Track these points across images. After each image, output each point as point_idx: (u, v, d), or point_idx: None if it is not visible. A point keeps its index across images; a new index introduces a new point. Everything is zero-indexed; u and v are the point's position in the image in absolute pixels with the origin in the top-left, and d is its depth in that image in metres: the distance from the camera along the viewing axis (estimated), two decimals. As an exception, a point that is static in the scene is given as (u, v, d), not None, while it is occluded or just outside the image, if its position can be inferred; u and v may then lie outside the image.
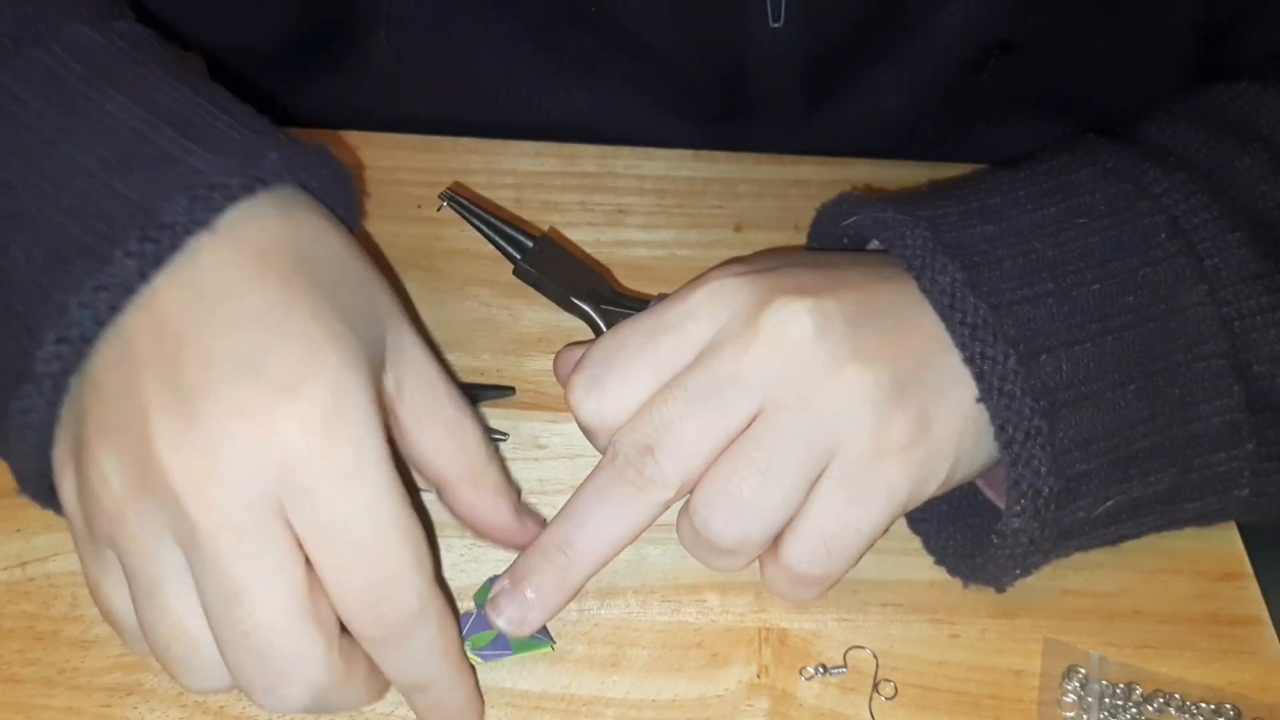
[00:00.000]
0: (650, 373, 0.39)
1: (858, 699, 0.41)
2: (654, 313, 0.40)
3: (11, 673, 0.40)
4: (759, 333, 0.38)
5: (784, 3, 0.54)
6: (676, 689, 0.41)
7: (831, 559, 0.38)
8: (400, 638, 0.35)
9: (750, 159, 0.59)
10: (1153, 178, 0.42)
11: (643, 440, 0.38)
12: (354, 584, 0.34)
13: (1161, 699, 0.41)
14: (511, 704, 0.40)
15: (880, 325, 0.39)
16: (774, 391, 0.38)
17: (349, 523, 0.33)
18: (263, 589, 0.33)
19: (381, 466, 0.34)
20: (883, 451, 0.38)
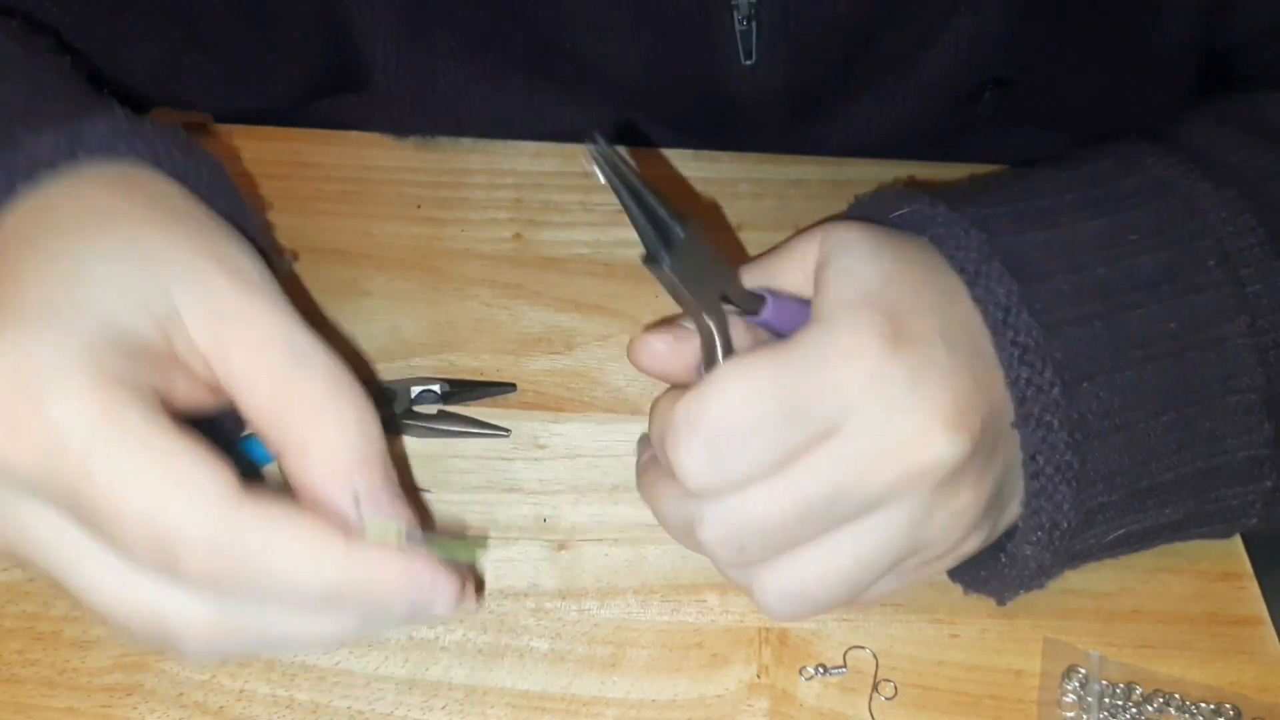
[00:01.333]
0: (781, 456, 0.35)
1: (858, 699, 0.41)
2: (795, 380, 0.35)
3: (12, 673, 0.40)
4: (911, 464, 0.34)
5: (754, 40, 0.54)
6: (676, 689, 0.41)
7: (816, 611, 0.38)
8: (233, 582, 0.32)
9: (750, 159, 0.59)
10: (1202, 191, 0.40)
11: (739, 540, 0.36)
12: (137, 550, 0.32)
13: (1161, 699, 0.41)
14: (511, 704, 0.40)
15: (989, 440, 0.36)
16: (895, 513, 0.35)
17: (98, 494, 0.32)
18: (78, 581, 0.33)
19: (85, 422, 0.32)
20: (950, 556, 0.38)
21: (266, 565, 0.32)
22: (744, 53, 0.55)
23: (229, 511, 0.31)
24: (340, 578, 0.32)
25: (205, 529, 0.31)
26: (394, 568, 0.33)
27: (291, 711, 0.40)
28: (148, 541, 0.31)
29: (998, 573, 0.39)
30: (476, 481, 0.47)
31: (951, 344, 0.36)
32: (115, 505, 0.31)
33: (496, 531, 0.45)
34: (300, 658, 0.41)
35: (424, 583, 0.34)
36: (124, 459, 0.31)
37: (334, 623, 0.34)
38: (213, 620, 0.33)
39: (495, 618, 0.42)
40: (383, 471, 0.35)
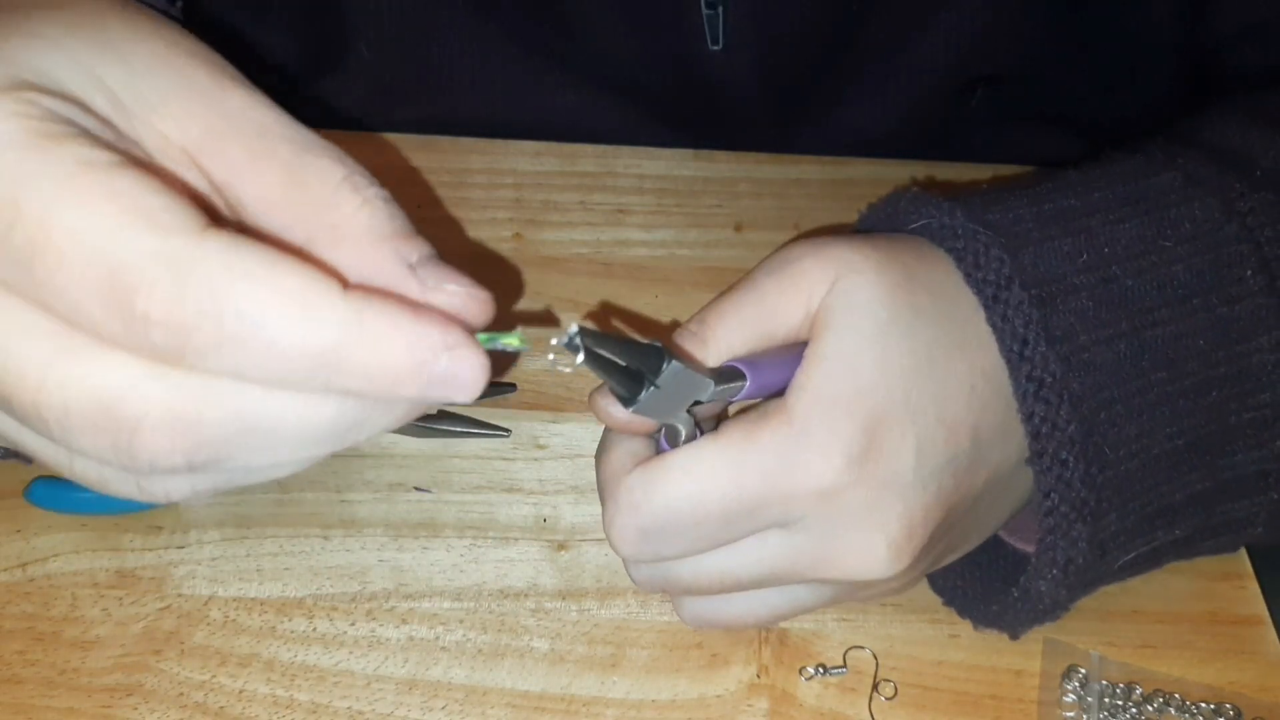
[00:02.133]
0: (714, 547, 0.36)
1: (858, 699, 0.41)
2: (747, 485, 0.34)
3: (12, 673, 0.40)
4: (847, 575, 0.35)
5: (721, 27, 0.54)
6: (676, 689, 0.41)
7: (733, 625, 0.40)
8: (201, 335, 0.24)
9: (750, 158, 0.59)
10: (1238, 191, 0.39)
11: (663, 584, 0.38)
12: (81, 299, 0.25)
13: (1162, 699, 0.41)
14: (511, 704, 0.40)
15: (943, 535, 0.37)
16: (821, 594, 0.38)
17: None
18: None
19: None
20: (875, 599, 0.41)
21: (243, 309, 0.24)
22: (710, 38, 0.55)
23: (193, 243, 0.24)
24: (338, 337, 0.25)
25: (165, 261, 0.24)
26: (404, 324, 0.26)
27: (291, 711, 0.40)
28: (94, 283, 0.24)
29: (1010, 607, 0.39)
30: (477, 482, 0.47)
31: (924, 456, 0.35)
32: (52, 239, 0.24)
33: (496, 532, 0.45)
34: (300, 658, 0.41)
35: (441, 357, 0.26)
36: (62, 183, 0.24)
37: (328, 408, 0.26)
38: (177, 399, 0.25)
39: (495, 618, 0.42)
40: (426, 244, 0.29)
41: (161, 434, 0.25)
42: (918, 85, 0.59)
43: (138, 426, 0.25)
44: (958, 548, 0.39)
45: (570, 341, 0.31)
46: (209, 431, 0.25)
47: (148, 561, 0.44)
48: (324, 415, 0.26)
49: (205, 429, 0.25)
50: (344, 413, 0.26)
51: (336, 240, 0.27)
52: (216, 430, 0.26)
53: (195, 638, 0.41)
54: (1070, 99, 0.60)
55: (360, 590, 0.43)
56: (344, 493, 0.46)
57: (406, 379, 0.26)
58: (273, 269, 0.25)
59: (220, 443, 0.26)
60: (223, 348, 0.24)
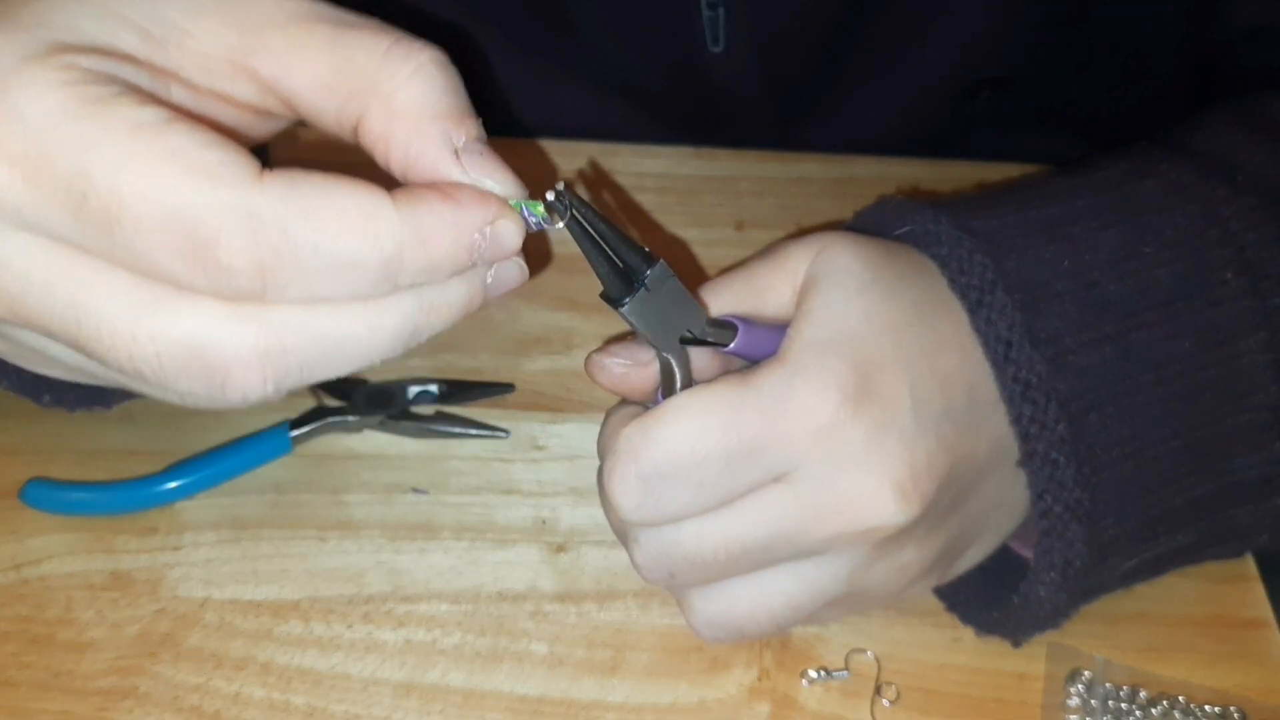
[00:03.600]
0: (716, 500, 0.34)
1: (860, 703, 0.40)
2: (745, 426, 0.33)
3: (6, 676, 0.40)
4: (854, 523, 0.34)
5: (722, 29, 0.54)
6: (676, 693, 0.41)
7: (744, 639, 0.38)
8: (278, 272, 0.27)
9: (751, 156, 0.59)
10: (1221, 198, 0.39)
11: (669, 568, 0.36)
12: (162, 257, 0.27)
13: (1166, 702, 0.40)
14: (510, 708, 0.40)
15: (953, 493, 0.36)
16: (833, 565, 0.35)
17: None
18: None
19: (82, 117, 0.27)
20: (893, 599, 0.38)
21: (315, 241, 0.27)
22: (711, 39, 0.55)
23: (258, 189, 0.26)
24: (396, 246, 0.27)
25: (238, 211, 0.26)
26: (449, 215, 0.28)
27: (288, 715, 0.39)
28: (173, 240, 0.26)
29: (1011, 615, 0.39)
30: (475, 483, 0.46)
31: (920, 401, 0.35)
32: (126, 203, 0.26)
33: (494, 534, 0.45)
34: (296, 661, 0.41)
35: (487, 224, 0.29)
36: (125, 148, 0.26)
37: (393, 316, 0.29)
38: (261, 336, 0.27)
39: (493, 621, 0.42)
40: (476, 125, 0.31)
41: (252, 370, 0.27)
42: (920, 86, 0.58)
43: (229, 367, 0.27)
44: (970, 538, 0.38)
45: (557, 199, 0.31)
46: (293, 359, 0.28)
47: (142, 564, 0.43)
48: (390, 323, 0.29)
49: (289, 357, 0.28)
50: (406, 319, 0.29)
51: (389, 115, 0.29)
52: (299, 356, 0.28)
53: (190, 641, 0.41)
54: (1073, 100, 0.60)
55: (357, 593, 0.43)
56: (340, 494, 0.46)
57: (464, 259, 0.29)
58: (330, 199, 0.27)
59: (303, 367, 0.28)
60: (299, 280, 0.27)
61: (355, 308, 0.28)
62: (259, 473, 0.46)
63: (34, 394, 0.40)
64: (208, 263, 0.26)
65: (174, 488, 0.45)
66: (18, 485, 0.45)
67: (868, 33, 0.57)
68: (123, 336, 0.27)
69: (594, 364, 0.38)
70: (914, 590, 0.38)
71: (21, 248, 0.27)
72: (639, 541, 0.36)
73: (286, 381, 0.28)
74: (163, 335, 0.27)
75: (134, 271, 0.27)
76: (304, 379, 0.28)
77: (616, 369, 0.37)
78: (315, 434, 0.47)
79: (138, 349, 0.27)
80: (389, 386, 0.49)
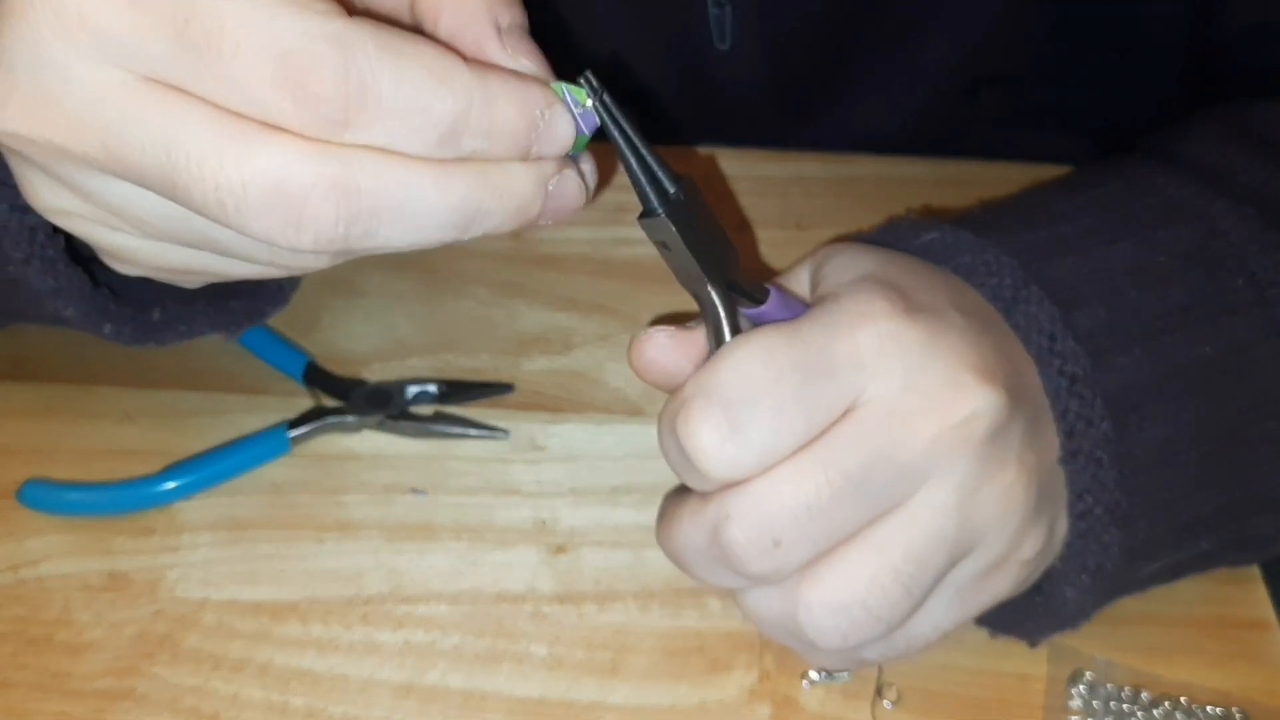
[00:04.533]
0: (804, 426, 0.32)
1: (861, 704, 0.40)
2: (810, 342, 0.33)
3: (3, 677, 0.40)
4: (947, 418, 0.32)
5: (729, 27, 0.54)
6: (677, 695, 0.40)
7: (876, 626, 0.33)
8: (361, 111, 0.28)
9: (752, 156, 0.59)
10: (1219, 211, 0.39)
11: (772, 533, 0.32)
12: (258, 86, 0.28)
13: (1168, 703, 0.40)
14: (510, 710, 0.40)
15: (1027, 413, 0.34)
16: (940, 487, 0.33)
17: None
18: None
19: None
20: (1010, 564, 0.35)
21: (397, 78, 0.28)
22: (717, 36, 0.55)
23: (350, 24, 0.28)
24: (468, 100, 0.29)
25: (331, 40, 0.27)
26: (515, 85, 0.30)
27: (286, 717, 0.39)
28: (268, 65, 0.27)
29: (1031, 614, 0.38)
30: (474, 483, 0.46)
31: (964, 312, 0.34)
32: (226, 27, 0.27)
33: (494, 535, 0.45)
34: (295, 662, 0.40)
35: (544, 107, 0.30)
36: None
37: (457, 179, 0.30)
38: (339, 172, 0.28)
39: (493, 622, 0.42)
40: (522, 14, 0.32)
41: (328, 204, 0.28)
42: (923, 84, 0.58)
43: (307, 198, 0.28)
44: (1060, 490, 0.35)
45: (585, 83, 0.32)
46: (366, 200, 0.28)
47: (140, 564, 0.43)
48: (456, 189, 0.30)
49: (363, 198, 0.28)
50: (471, 190, 0.30)
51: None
52: (372, 200, 0.29)
53: (188, 642, 0.41)
54: (1075, 99, 0.60)
55: (356, 594, 0.43)
56: (339, 495, 0.46)
57: (524, 132, 0.30)
58: (414, 46, 0.28)
59: (372, 214, 0.29)
60: (378, 116, 0.28)
61: (425, 165, 0.29)
62: (257, 473, 0.46)
63: (96, 324, 0.40)
64: (298, 90, 0.27)
65: (172, 488, 0.45)
66: (15, 485, 0.44)
67: (872, 30, 0.56)
68: (210, 166, 0.28)
69: (638, 341, 0.36)
70: (1028, 544, 0.35)
71: (119, 82, 0.28)
72: (732, 515, 0.32)
73: (356, 228, 0.29)
74: (249, 164, 0.28)
75: (225, 107, 0.28)
76: (374, 230, 0.29)
77: (661, 336, 0.35)
78: (314, 434, 0.47)
79: (224, 178, 0.28)
80: (388, 386, 0.49)
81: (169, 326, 0.42)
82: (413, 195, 0.29)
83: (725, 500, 0.33)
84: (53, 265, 0.38)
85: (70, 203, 0.32)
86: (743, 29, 0.55)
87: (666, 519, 0.35)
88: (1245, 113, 0.45)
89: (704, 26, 0.55)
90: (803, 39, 0.56)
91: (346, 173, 0.28)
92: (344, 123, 0.28)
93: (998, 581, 0.35)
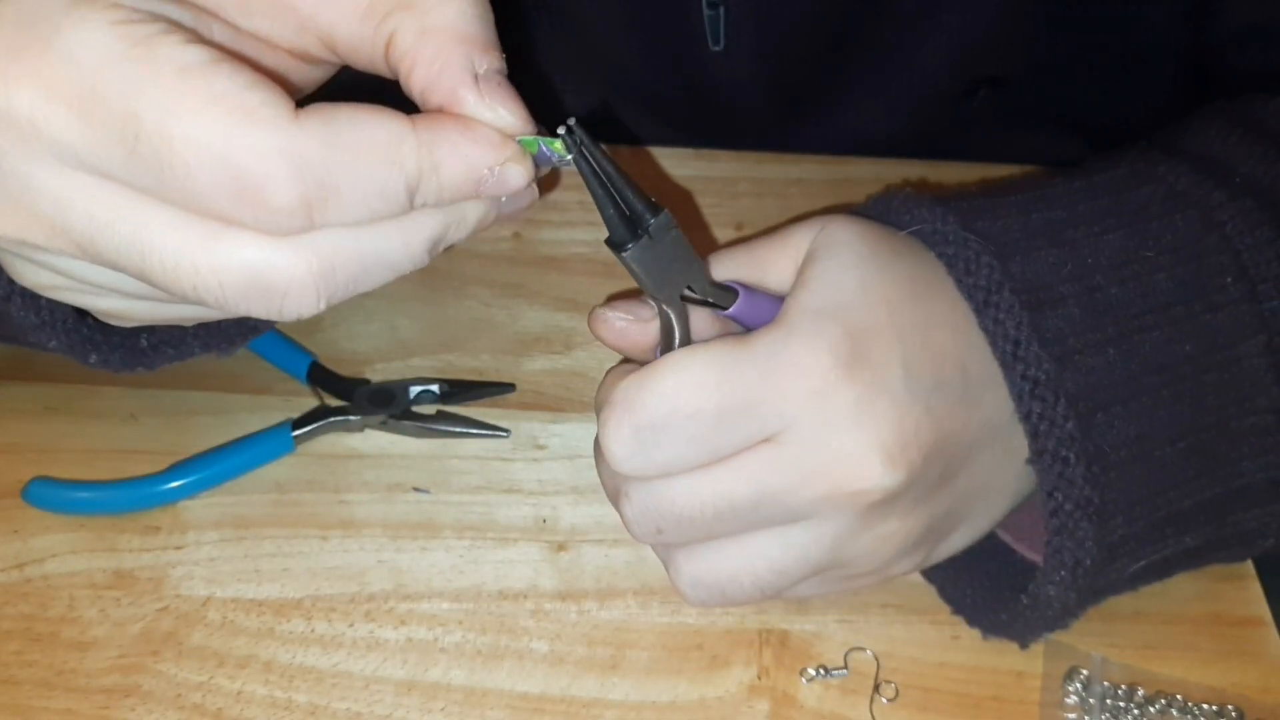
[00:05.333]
0: (708, 456, 0.34)
1: (859, 701, 0.41)
2: (740, 379, 0.34)
3: (9, 674, 0.40)
4: (842, 485, 0.34)
5: (723, 28, 0.54)
6: (676, 691, 0.41)
7: (727, 604, 0.38)
8: (323, 206, 0.29)
9: (750, 157, 0.59)
10: (1217, 203, 0.39)
11: (656, 523, 0.36)
12: (215, 198, 0.28)
13: (1164, 700, 0.41)
14: (511, 706, 0.40)
15: (932, 474, 0.36)
16: (819, 528, 0.35)
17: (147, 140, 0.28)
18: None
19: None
20: (877, 575, 0.38)
21: (351, 173, 0.28)
22: (712, 38, 0.55)
23: (297, 129, 0.28)
24: (416, 173, 0.30)
25: (281, 153, 0.28)
26: (462, 147, 0.30)
27: (290, 713, 0.39)
28: (222, 182, 0.28)
29: (1019, 615, 0.39)
30: (476, 482, 0.47)
31: (912, 373, 0.35)
32: (175, 147, 0.27)
33: (495, 533, 0.45)
34: (298, 659, 0.41)
35: (494, 164, 0.31)
36: (173, 91, 0.27)
37: (423, 231, 0.31)
38: (311, 261, 0.29)
39: (494, 619, 0.42)
40: (500, 58, 0.32)
41: (307, 291, 0.30)
42: (919, 86, 0.59)
43: (286, 290, 0.29)
44: (958, 518, 0.38)
45: (567, 134, 0.32)
46: (342, 275, 0.30)
47: (145, 562, 0.43)
48: (420, 236, 0.31)
49: (339, 274, 0.30)
50: (434, 231, 0.31)
51: (419, 33, 0.31)
52: (347, 272, 0.30)
53: (193, 639, 0.41)
54: (1072, 100, 0.60)
55: (359, 591, 0.43)
56: (342, 493, 0.46)
57: (470, 190, 0.31)
58: (360, 131, 0.29)
59: (350, 282, 0.30)
60: (339, 209, 0.29)
61: (390, 226, 0.30)
62: (261, 472, 0.46)
63: (81, 354, 0.40)
64: (256, 203, 0.28)
65: (176, 487, 0.45)
66: (21, 484, 0.45)
67: (867, 31, 0.57)
68: (185, 270, 0.29)
69: (596, 317, 0.39)
70: (898, 567, 0.38)
71: (82, 187, 0.29)
72: (629, 496, 0.36)
73: (337, 296, 0.30)
74: (223, 266, 0.29)
75: (189, 210, 0.28)
76: (352, 292, 0.31)
77: (618, 323, 0.38)
78: (317, 433, 0.47)
79: (200, 280, 0.29)
80: (390, 386, 0.49)
81: (158, 351, 0.43)
82: (383, 252, 0.31)
83: (626, 480, 0.36)
84: (34, 301, 0.38)
85: (55, 280, 0.33)
86: (737, 30, 0.55)
87: (597, 453, 0.37)
88: (1250, 106, 0.46)
89: (699, 28, 0.55)
90: (798, 40, 0.57)
91: (319, 259, 0.29)
92: (307, 223, 0.29)
93: (862, 582, 0.39)
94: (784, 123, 0.61)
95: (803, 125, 0.61)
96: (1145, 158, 0.42)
